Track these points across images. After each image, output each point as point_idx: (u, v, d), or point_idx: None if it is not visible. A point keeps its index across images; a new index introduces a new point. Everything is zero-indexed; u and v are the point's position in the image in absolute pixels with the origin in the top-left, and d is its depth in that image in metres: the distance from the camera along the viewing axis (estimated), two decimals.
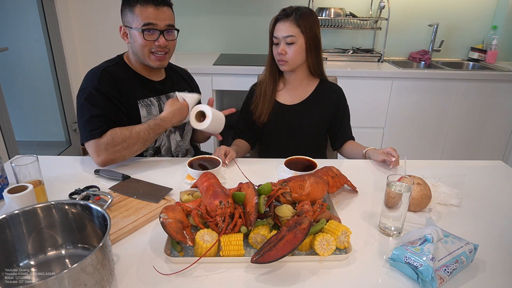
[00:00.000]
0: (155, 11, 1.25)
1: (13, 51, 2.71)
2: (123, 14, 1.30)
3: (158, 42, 1.28)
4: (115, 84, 1.29)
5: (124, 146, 1.22)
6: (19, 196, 0.89)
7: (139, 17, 1.25)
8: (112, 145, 1.21)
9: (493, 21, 2.99)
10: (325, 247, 0.82)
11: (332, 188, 1.07)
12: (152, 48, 1.29)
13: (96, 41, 3.03)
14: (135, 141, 1.23)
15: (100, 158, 1.21)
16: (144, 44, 1.27)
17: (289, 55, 1.42)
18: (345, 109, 1.58)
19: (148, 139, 1.26)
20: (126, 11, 1.28)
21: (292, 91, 1.55)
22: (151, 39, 1.27)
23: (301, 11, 1.40)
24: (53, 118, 3.11)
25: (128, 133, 1.23)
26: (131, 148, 1.24)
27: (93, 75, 1.29)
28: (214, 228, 0.85)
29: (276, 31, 1.42)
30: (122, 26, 1.31)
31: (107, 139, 1.21)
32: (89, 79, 1.29)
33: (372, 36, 3.09)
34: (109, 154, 1.21)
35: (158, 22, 1.26)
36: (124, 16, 1.29)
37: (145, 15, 1.24)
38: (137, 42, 1.28)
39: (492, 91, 2.62)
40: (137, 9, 1.24)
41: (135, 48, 1.30)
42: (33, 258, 0.78)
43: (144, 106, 1.36)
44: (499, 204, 1.11)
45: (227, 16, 3.03)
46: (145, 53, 1.30)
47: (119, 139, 1.21)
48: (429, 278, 0.73)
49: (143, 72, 1.38)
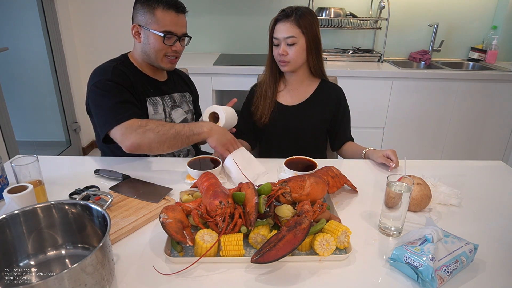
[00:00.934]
0: (175, 18, 1.27)
1: (13, 51, 2.71)
2: (138, 12, 1.28)
3: (175, 47, 1.31)
4: (127, 77, 1.29)
5: (156, 131, 1.16)
6: (19, 196, 0.89)
7: (160, 21, 1.25)
8: (144, 127, 1.16)
9: (493, 21, 2.99)
10: (325, 247, 0.82)
11: (332, 188, 1.07)
12: (167, 53, 1.32)
13: (96, 41, 3.04)
14: (168, 129, 1.17)
15: (129, 140, 1.15)
16: (161, 48, 1.29)
17: (290, 55, 1.41)
18: (345, 110, 1.58)
19: (182, 132, 1.18)
20: (143, 11, 1.27)
21: (293, 92, 1.54)
22: (169, 44, 1.29)
23: (301, 11, 1.39)
24: (53, 118, 3.11)
25: (162, 122, 1.23)
26: (162, 137, 1.16)
27: (103, 70, 1.28)
28: (214, 228, 0.85)
29: (276, 32, 1.42)
30: (135, 25, 1.30)
31: (141, 122, 1.17)
32: (101, 73, 1.27)
33: (372, 36, 3.09)
34: (139, 136, 1.14)
35: (178, 29, 1.29)
36: (140, 15, 1.28)
37: (167, 20, 1.25)
38: (153, 44, 1.29)
39: (492, 91, 2.62)
40: (158, 12, 1.24)
41: (149, 49, 1.31)
42: (33, 258, 0.78)
43: (151, 104, 1.36)
44: (499, 204, 1.11)
45: (227, 16, 3.03)
46: (159, 56, 1.31)
47: (153, 124, 1.17)
48: (429, 278, 0.73)
49: (148, 72, 1.39)
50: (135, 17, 1.31)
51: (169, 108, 1.42)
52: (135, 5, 1.30)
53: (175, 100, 1.45)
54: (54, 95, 3.03)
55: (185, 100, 1.52)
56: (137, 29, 1.30)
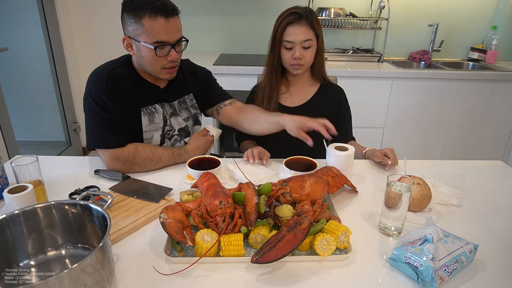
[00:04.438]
0: (166, 24, 1.14)
1: (13, 51, 2.71)
2: (125, 23, 1.17)
3: (170, 57, 1.20)
4: (121, 88, 1.23)
5: (142, 165, 1.24)
6: (19, 196, 0.89)
7: (149, 31, 1.13)
8: (131, 161, 1.22)
9: (493, 21, 2.99)
10: (325, 247, 0.82)
11: (332, 188, 1.07)
12: (164, 64, 1.22)
13: (96, 41, 3.04)
14: (154, 164, 1.26)
15: (115, 167, 1.22)
16: (156, 61, 1.20)
17: (306, 58, 1.39)
18: (347, 110, 1.57)
19: (166, 164, 1.29)
20: (130, 21, 1.15)
21: (296, 94, 1.54)
22: (162, 54, 1.18)
23: (310, 13, 1.37)
24: (53, 118, 3.11)
25: (150, 155, 1.24)
26: (147, 168, 1.26)
27: (99, 76, 1.22)
28: (214, 228, 0.85)
29: (291, 35, 1.37)
30: (125, 38, 1.20)
31: (129, 155, 1.21)
32: (96, 82, 1.22)
33: (372, 36, 3.09)
34: (125, 166, 1.22)
35: (170, 37, 1.16)
36: (128, 26, 1.17)
37: (156, 30, 1.13)
38: (146, 58, 1.19)
39: (492, 91, 2.62)
40: (145, 22, 1.12)
41: (143, 62, 1.22)
42: (33, 258, 0.78)
43: (147, 114, 1.30)
44: (499, 204, 1.11)
45: (227, 16, 3.03)
46: (156, 69, 1.23)
47: (140, 159, 1.23)
48: (429, 278, 0.73)
49: (148, 78, 1.31)
50: (124, 28, 1.20)
51: (169, 115, 1.37)
52: (122, 15, 1.18)
53: (175, 108, 1.39)
54: (54, 95, 3.03)
55: (185, 106, 1.44)
56: (128, 41, 1.20)
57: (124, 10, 1.16)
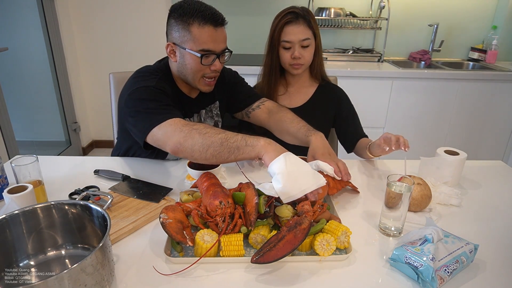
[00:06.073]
0: (214, 33, 1.13)
1: (13, 51, 2.71)
2: (172, 29, 1.15)
3: (214, 66, 1.19)
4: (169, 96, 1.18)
5: (202, 132, 1.00)
6: (19, 196, 0.89)
7: (196, 39, 1.12)
8: (190, 125, 1.02)
9: (493, 21, 2.99)
10: (325, 247, 0.82)
11: (332, 190, 1.07)
12: (206, 74, 1.20)
13: (96, 41, 3.03)
14: (214, 133, 0.99)
15: (174, 136, 1.01)
16: (199, 69, 1.17)
17: (305, 58, 1.39)
18: (349, 109, 1.54)
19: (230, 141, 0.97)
20: (177, 27, 1.13)
21: (294, 94, 1.54)
22: (207, 63, 1.17)
23: (307, 12, 1.38)
24: (53, 118, 3.11)
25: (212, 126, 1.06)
26: (206, 139, 0.98)
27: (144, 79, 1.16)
28: (214, 228, 0.85)
29: (289, 35, 1.37)
30: (170, 43, 1.17)
31: (187, 122, 1.05)
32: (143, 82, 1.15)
33: (372, 36, 3.09)
34: (182, 135, 1.00)
35: (216, 46, 1.15)
36: (174, 32, 1.15)
37: (203, 38, 1.12)
38: (189, 65, 1.17)
39: (492, 91, 2.62)
40: (194, 29, 1.11)
41: (185, 70, 1.19)
42: (33, 258, 0.78)
43: None
44: (499, 204, 1.11)
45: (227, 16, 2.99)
46: (196, 78, 1.20)
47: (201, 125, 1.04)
48: (429, 278, 0.73)
49: (183, 88, 1.29)
50: (169, 34, 1.18)
51: None
52: (169, 21, 1.17)
53: (201, 118, 1.38)
54: (54, 95, 3.03)
55: (210, 115, 1.41)
56: (172, 48, 1.18)
57: (171, 16, 1.15)
